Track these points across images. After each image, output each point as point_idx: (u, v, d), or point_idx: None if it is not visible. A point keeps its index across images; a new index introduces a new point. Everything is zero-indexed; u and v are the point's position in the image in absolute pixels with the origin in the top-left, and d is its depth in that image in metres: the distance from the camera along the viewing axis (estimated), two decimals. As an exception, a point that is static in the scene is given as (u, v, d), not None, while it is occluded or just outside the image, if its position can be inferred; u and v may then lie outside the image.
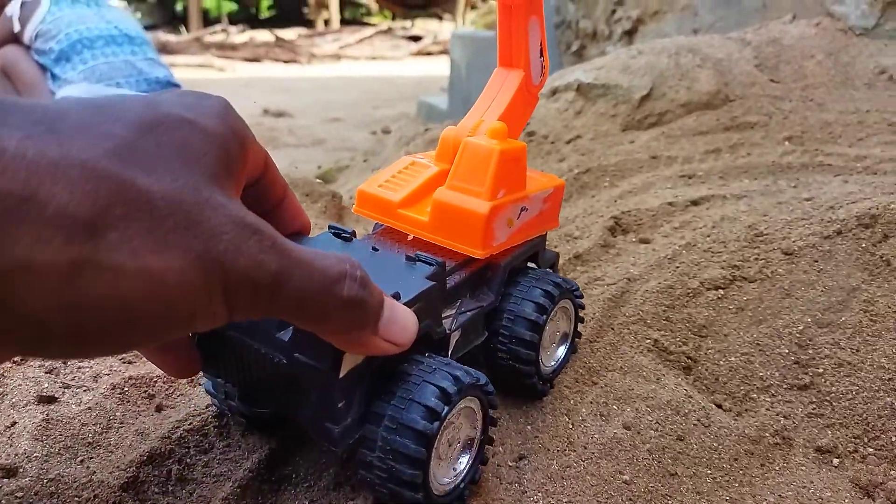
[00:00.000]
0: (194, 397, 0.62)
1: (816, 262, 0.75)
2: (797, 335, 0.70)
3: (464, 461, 0.51)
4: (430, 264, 0.51)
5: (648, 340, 0.70)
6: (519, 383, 0.62)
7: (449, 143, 0.65)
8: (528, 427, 0.61)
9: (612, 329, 0.71)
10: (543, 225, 0.67)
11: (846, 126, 1.15)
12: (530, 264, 0.67)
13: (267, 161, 0.44)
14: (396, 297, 0.45)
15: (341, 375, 0.43)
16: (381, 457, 0.45)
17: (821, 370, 0.67)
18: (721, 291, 0.75)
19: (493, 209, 0.57)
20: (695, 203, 0.96)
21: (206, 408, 0.59)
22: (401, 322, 0.42)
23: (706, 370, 0.69)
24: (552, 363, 0.65)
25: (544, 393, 0.63)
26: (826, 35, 1.37)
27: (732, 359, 0.70)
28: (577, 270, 0.85)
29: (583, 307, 0.66)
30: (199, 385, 0.63)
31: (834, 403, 0.65)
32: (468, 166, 0.59)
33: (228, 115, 0.37)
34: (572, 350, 0.67)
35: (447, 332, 0.53)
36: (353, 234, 0.55)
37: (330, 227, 0.55)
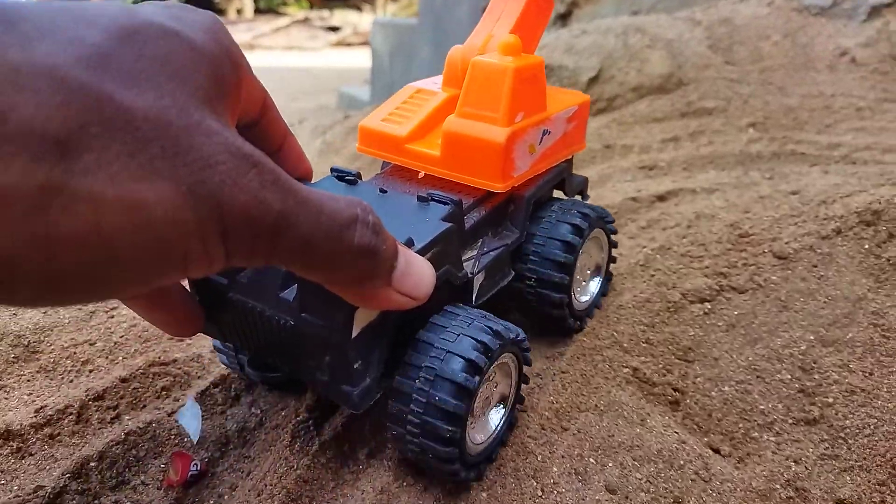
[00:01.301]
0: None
1: (815, 266, 0.65)
2: (799, 356, 0.60)
3: (496, 419, 0.49)
4: (445, 203, 0.48)
5: (627, 369, 0.58)
6: (550, 322, 0.60)
7: (456, 65, 0.59)
8: (483, 495, 0.47)
9: (584, 356, 0.59)
10: (569, 147, 0.61)
11: (812, 111, 1.07)
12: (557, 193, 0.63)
13: (266, 101, 0.41)
14: (410, 243, 0.42)
15: (354, 335, 0.41)
16: (416, 410, 0.43)
17: (830, 399, 0.57)
18: (707, 305, 0.64)
19: (511, 136, 0.52)
20: (661, 198, 0.85)
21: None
22: (416, 273, 0.39)
23: (697, 404, 0.58)
24: (586, 298, 0.62)
25: (576, 330, 0.61)
26: (781, 14, 1.31)
27: (726, 388, 0.58)
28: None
29: (615, 232, 0.63)
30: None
31: (850, 441, 0.55)
32: (480, 89, 0.53)
33: (220, 32, 0.33)
34: (608, 281, 0.65)
35: (469, 275, 0.50)
36: (359, 175, 0.52)
37: (333, 169, 0.52)
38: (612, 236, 0.63)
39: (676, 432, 0.53)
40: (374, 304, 0.39)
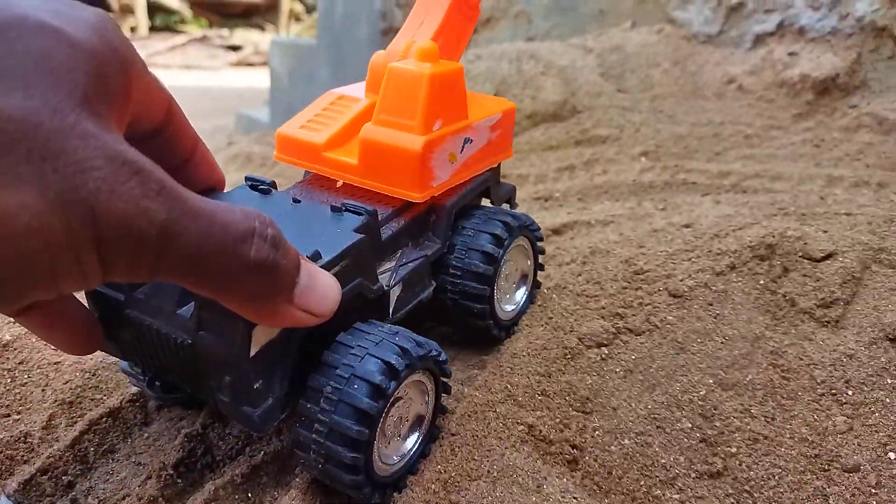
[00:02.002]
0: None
1: (711, 305, 0.62)
2: (699, 402, 0.56)
3: (413, 439, 0.48)
4: (360, 214, 0.47)
5: (522, 427, 0.53)
6: (475, 333, 0.59)
7: (378, 71, 0.57)
8: None
9: (475, 414, 0.54)
10: (494, 156, 0.61)
11: (701, 139, 1.08)
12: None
13: (172, 107, 0.40)
14: (316, 256, 0.41)
15: (253, 353, 0.39)
16: (318, 437, 0.41)
17: (733, 449, 0.54)
18: (605, 349, 0.60)
19: (428, 144, 0.51)
20: (556, 232, 0.82)
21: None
22: (320, 289, 0.38)
23: (596, 461, 0.53)
24: (511, 307, 0.62)
25: (500, 339, 0.60)
26: (670, 42, 1.33)
27: (626, 441, 0.54)
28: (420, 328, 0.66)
29: (541, 239, 0.63)
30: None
31: (755, 494, 0.52)
32: (396, 96, 0.52)
33: (107, 30, 0.31)
34: (535, 288, 0.65)
35: (385, 288, 0.49)
36: (273, 184, 0.50)
37: (247, 178, 0.50)
38: (539, 243, 0.63)
39: (575, 497, 0.49)
40: (273, 322, 0.37)
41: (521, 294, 0.63)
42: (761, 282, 0.64)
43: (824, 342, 0.60)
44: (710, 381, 0.58)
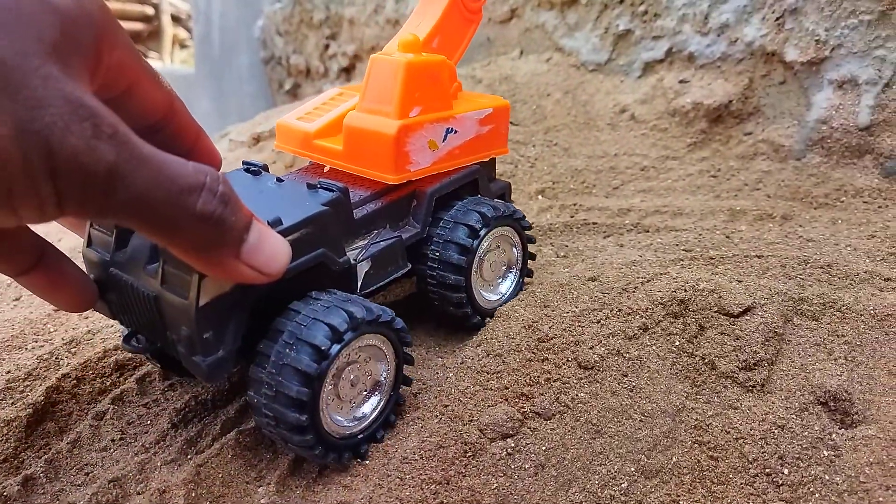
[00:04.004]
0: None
1: (626, 376, 0.56)
2: (621, 497, 0.49)
3: (372, 404, 0.51)
4: (331, 190, 0.51)
5: (416, 558, 0.44)
6: (451, 315, 0.62)
7: None
8: None
9: (355, 552, 0.43)
10: (484, 150, 0.64)
11: (598, 173, 1.04)
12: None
13: (174, 104, 0.44)
14: (277, 222, 0.45)
15: (201, 304, 0.42)
16: (267, 400, 0.45)
17: (664, 552, 0.47)
18: (511, 441, 0.52)
19: (402, 129, 0.55)
20: (451, 290, 0.73)
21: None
22: (269, 249, 0.40)
23: (509, 588, 0.44)
24: (496, 297, 0.64)
25: (478, 326, 0.62)
26: (560, 71, 1.30)
27: (543, 557, 0.46)
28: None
29: (529, 228, 0.65)
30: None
31: None
32: (377, 85, 0.57)
33: None
34: (526, 277, 0.67)
35: (353, 262, 0.53)
36: (265, 167, 0.55)
37: (244, 162, 0.56)
38: (527, 232, 0.65)
39: None
40: (221, 274, 0.40)
41: (507, 285, 0.66)
42: (677, 343, 0.58)
43: (751, 410, 0.54)
44: (632, 469, 0.51)
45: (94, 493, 0.48)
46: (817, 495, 0.49)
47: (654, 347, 0.58)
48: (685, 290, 0.60)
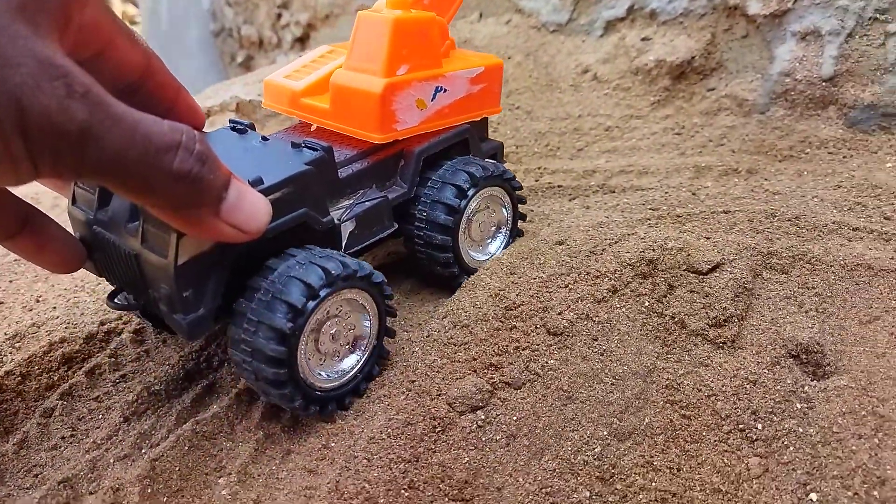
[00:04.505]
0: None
1: (595, 340, 0.55)
2: (595, 462, 0.49)
3: (354, 358, 0.51)
4: (315, 150, 0.51)
5: (386, 539, 0.43)
6: (438, 274, 0.63)
7: None
8: None
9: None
10: (475, 110, 0.64)
11: (562, 135, 1.02)
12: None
13: (151, 61, 0.44)
14: (258, 181, 0.45)
15: (180, 263, 0.43)
16: (246, 357, 0.46)
17: (641, 515, 0.46)
18: (481, 414, 0.51)
19: (388, 87, 0.55)
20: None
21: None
22: (249, 207, 0.41)
23: (484, 563, 0.44)
24: (484, 258, 0.65)
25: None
26: (520, 33, 1.27)
27: (517, 529, 0.45)
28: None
29: (520, 188, 0.66)
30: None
31: (672, 571, 0.44)
32: (364, 42, 0.57)
33: None
34: (513, 240, 0.67)
35: (335, 222, 0.53)
36: (252, 126, 0.56)
37: (230, 121, 0.56)
38: (518, 192, 0.66)
39: None
40: (200, 233, 0.41)
41: (496, 245, 0.66)
42: (646, 304, 0.57)
43: (722, 367, 0.54)
44: (605, 433, 0.50)
45: (43, 495, 0.46)
46: (791, 448, 0.49)
47: (623, 309, 0.57)
48: (653, 250, 0.60)
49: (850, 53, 0.90)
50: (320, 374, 0.49)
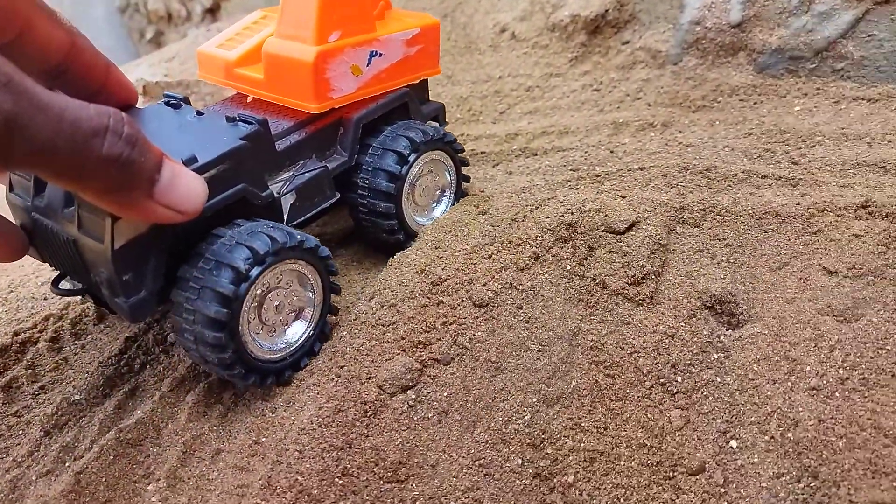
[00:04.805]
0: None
1: (521, 308, 0.56)
2: (526, 430, 0.50)
3: (297, 329, 0.52)
4: (250, 123, 0.51)
5: (323, 529, 0.43)
6: (384, 241, 0.63)
7: None
8: None
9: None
10: (413, 72, 0.63)
11: (483, 99, 1.02)
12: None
13: (76, 42, 0.44)
14: (192, 160, 0.45)
15: (117, 247, 0.43)
16: (189, 320, 0.46)
17: (570, 478, 0.49)
18: (411, 393, 0.51)
19: (321, 55, 0.55)
20: (341, 243, 0.71)
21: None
22: (184, 187, 0.41)
23: (422, 540, 0.45)
24: (429, 222, 0.65)
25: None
26: (435, -7, 1.25)
27: None
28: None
29: (462, 150, 0.66)
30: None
31: (604, 526, 0.46)
32: (294, 9, 0.56)
33: None
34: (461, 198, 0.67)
35: (275, 196, 0.53)
36: (186, 100, 0.55)
37: (165, 94, 0.55)
38: (460, 155, 0.66)
39: None
40: (135, 215, 0.41)
41: (441, 209, 0.66)
42: (568, 267, 0.58)
43: (643, 324, 0.55)
44: (534, 400, 0.51)
45: (-38, 521, 0.45)
46: (711, 398, 0.51)
47: (546, 275, 0.58)
48: (572, 213, 0.60)
49: (756, -1, 0.92)
50: (262, 345, 0.49)
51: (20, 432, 0.52)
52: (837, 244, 0.56)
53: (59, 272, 0.53)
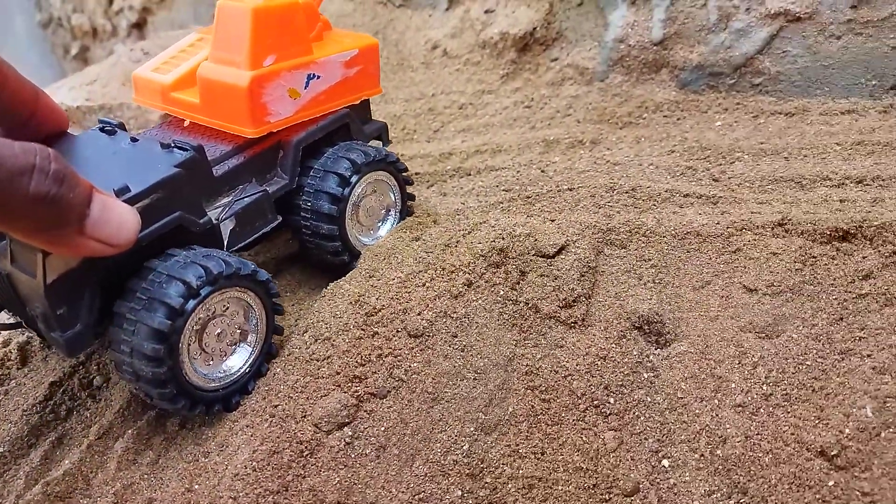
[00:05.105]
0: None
1: (455, 337, 0.56)
2: (464, 460, 0.50)
3: (241, 356, 0.52)
4: (185, 150, 0.51)
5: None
6: (329, 262, 0.63)
7: None
8: None
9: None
10: (353, 93, 0.64)
11: (417, 117, 1.02)
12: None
13: (1, 69, 0.44)
14: (124, 190, 0.45)
15: (49, 281, 0.43)
16: (126, 358, 0.46)
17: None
18: (348, 430, 0.51)
19: (256, 80, 0.54)
20: (273, 272, 0.70)
21: None
22: (115, 220, 0.41)
23: (363, 580, 0.44)
24: (374, 242, 0.65)
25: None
26: (367, 10, 1.25)
27: (394, 539, 0.46)
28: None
29: (405, 169, 0.67)
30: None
31: (542, 553, 0.46)
32: (226, 33, 0.56)
33: None
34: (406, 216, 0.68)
35: (214, 222, 0.53)
36: (122, 126, 0.54)
37: (100, 120, 0.55)
38: (404, 174, 0.66)
39: None
40: (68, 251, 0.41)
41: (386, 228, 0.67)
42: (501, 293, 0.59)
43: (575, 346, 0.56)
44: (472, 429, 0.52)
45: None
46: (642, 418, 0.52)
47: (479, 302, 0.58)
48: (503, 238, 0.61)
49: (676, 16, 0.95)
50: (205, 374, 0.49)
51: (-64, 492, 0.50)
52: (756, 262, 0.58)
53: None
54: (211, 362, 0.50)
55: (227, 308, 0.50)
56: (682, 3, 0.95)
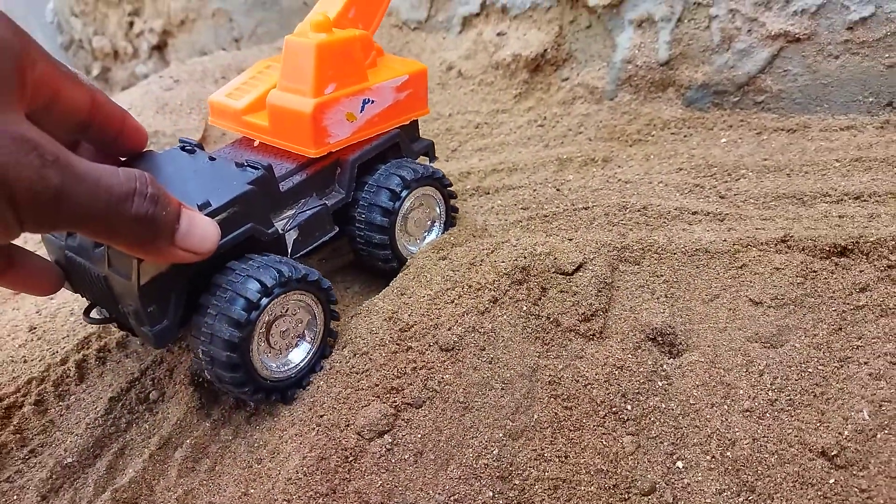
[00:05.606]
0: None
1: (483, 350, 0.60)
2: (495, 464, 0.54)
3: (300, 353, 0.58)
4: (257, 169, 0.57)
5: (316, 572, 0.47)
6: (380, 268, 0.70)
7: None
8: None
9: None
10: (403, 115, 0.70)
11: (436, 137, 1.07)
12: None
13: (95, 98, 0.49)
14: (206, 205, 0.51)
15: (142, 283, 0.49)
16: (205, 344, 0.52)
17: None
18: (388, 437, 0.55)
19: (318, 107, 0.60)
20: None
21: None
22: (200, 232, 0.47)
23: (407, 574, 0.49)
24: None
25: None
26: (383, 33, 1.30)
27: (433, 537, 0.50)
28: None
29: (450, 185, 0.72)
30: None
31: (569, 548, 0.51)
32: (293, 65, 0.62)
33: None
34: (450, 227, 0.74)
35: (280, 232, 0.59)
36: (200, 145, 0.61)
37: (180, 140, 0.62)
38: (449, 188, 0.72)
39: None
40: (160, 259, 0.47)
41: (432, 237, 0.73)
42: (524, 308, 0.63)
43: (594, 357, 0.60)
44: (500, 435, 0.56)
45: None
46: (658, 423, 0.57)
47: (504, 317, 0.62)
48: (525, 258, 0.65)
49: (681, 38, 0.99)
50: (269, 365, 0.55)
51: (15, 498, 0.54)
52: (761, 277, 0.62)
53: (89, 303, 0.60)
54: (275, 354, 0.56)
55: (293, 309, 0.56)
56: (687, 26, 0.99)
